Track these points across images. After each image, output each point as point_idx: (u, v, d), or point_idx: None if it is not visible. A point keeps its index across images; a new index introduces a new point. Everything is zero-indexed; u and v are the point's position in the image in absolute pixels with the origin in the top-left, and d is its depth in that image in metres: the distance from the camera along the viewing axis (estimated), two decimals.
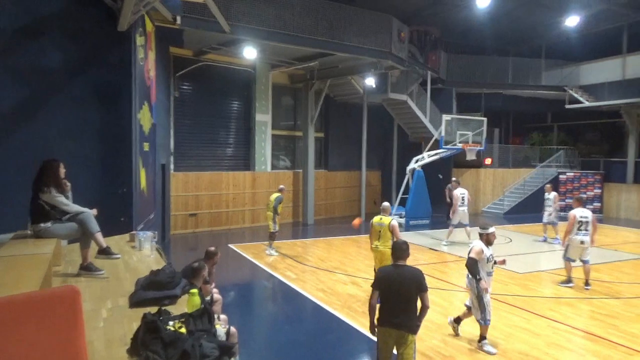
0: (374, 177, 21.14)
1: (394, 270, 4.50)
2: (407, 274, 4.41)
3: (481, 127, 16.98)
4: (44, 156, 4.50)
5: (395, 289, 4.36)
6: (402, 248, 4.55)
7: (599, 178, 20.57)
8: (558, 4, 17.59)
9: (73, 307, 2.17)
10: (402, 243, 4.62)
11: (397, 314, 4.34)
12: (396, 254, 4.57)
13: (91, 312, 3.27)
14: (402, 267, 4.48)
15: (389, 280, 4.42)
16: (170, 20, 10.58)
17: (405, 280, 4.37)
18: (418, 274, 4.42)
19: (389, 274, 4.48)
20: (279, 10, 12.84)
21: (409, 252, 4.59)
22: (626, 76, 19.20)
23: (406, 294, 4.35)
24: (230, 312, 6.09)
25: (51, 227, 4.34)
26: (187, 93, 15.24)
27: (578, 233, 8.87)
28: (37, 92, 6.96)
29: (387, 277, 4.46)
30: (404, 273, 4.42)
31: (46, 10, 6.97)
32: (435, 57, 19.96)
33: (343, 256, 11.76)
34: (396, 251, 4.58)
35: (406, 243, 4.63)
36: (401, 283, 4.36)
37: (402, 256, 4.53)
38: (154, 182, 10.56)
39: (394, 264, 4.56)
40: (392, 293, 4.38)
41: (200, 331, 2.78)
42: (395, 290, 4.36)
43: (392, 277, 4.43)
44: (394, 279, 4.40)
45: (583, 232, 8.85)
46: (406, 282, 4.36)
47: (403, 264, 4.51)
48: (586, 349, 6.19)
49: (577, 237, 8.86)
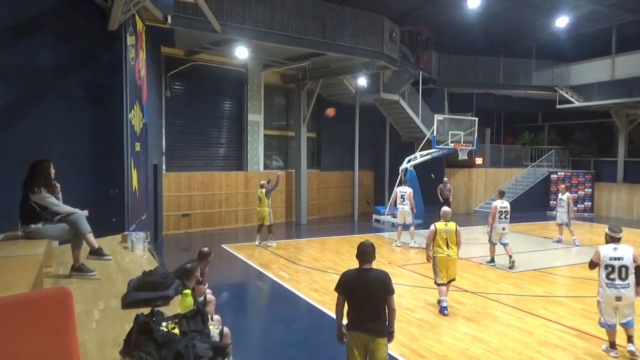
0: (366, 177, 21.18)
1: (359, 273, 4.31)
2: (372, 278, 4.25)
3: (473, 127, 17.07)
4: (34, 156, 4.45)
5: (361, 293, 4.22)
6: (367, 251, 4.32)
7: (589, 177, 20.77)
8: (548, 5, 17.71)
9: (65, 309, 2.15)
10: (368, 245, 4.36)
11: (365, 319, 4.20)
12: (363, 257, 4.32)
13: (83, 313, 3.23)
14: (368, 270, 4.29)
15: (354, 285, 4.27)
16: (161, 20, 10.52)
17: (371, 283, 4.22)
18: (384, 277, 4.25)
19: (353, 277, 4.30)
20: (271, 10, 12.83)
21: (375, 255, 4.38)
22: (615, 76, 19.42)
23: (373, 298, 4.20)
24: (223, 312, 6.06)
25: (42, 228, 4.29)
26: (178, 93, 15.17)
27: (499, 221, 10.40)
28: (27, 92, 6.89)
29: (352, 281, 4.28)
30: (369, 276, 4.25)
31: (36, 9, 6.90)
32: (426, 57, 20.03)
33: (336, 256, 11.77)
34: (362, 254, 4.33)
35: (372, 245, 4.39)
36: (366, 286, 4.21)
37: (368, 259, 4.31)
38: (146, 182, 10.50)
39: (360, 268, 4.32)
40: (359, 297, 4.23)
41: (193, 332, 2.75)
42: (361, 294, 4.22)
43: (356, 280, 4.27)
44: (359, 283, 4.25)
45: (503, 220, 10.42)
46: (372, 286, 4.21)
47: (369, 267, 4.31)
48: (578, 347, 6.23)
49: (499, 225, 10.42)
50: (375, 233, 15.57)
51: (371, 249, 4.34)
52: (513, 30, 21.26)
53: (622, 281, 5.71)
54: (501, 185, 21.21)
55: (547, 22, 19.24)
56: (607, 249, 5.89)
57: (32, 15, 6.86)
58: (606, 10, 18.06)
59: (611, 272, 5.76)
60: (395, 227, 14.39)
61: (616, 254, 5.79)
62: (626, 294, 5.71)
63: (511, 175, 21.70)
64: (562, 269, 10.91)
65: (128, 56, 7.89)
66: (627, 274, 5.72)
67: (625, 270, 5.72)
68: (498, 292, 8.68)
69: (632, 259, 5.72)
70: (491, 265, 10.66)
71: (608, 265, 5.79)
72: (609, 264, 5.79)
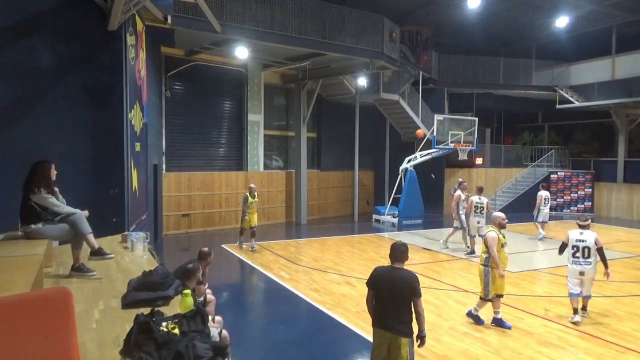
0: (366, 177, 21.18)
1: (387, 271, 4.38)
2: (399, 277, 4.28)
3: (473, 127, 17.06)
4: (34, 157, 4.45)
5: (386, 291, 4.28)
6: (400, 250, 4.40)
7: (589, 177, 20.75)
8: (548, 5, 17.72)
9: (65, 309, 2.15)
10: (400, 245, 4.45)
11: (388, 317, 4.27)
12: (393, 256, 4.42)
13: (83, 313, 3.23)
14: (397, 269, 4.35)
15: (381, 282, 4.34)
16: (161, 20, 10.53)
17: (396, 283, 4.26)
18: (411, 279, 4.26)
19: (381, 274, 4.39)
20: (271, 10, 12.82)
21: (407, 255, 4.45)
22: (615, 76, 19.42)
23: (397, 297, 4.25)
24: (223, 312, 6.06)
25: (42, 228, 4.29)
26: (178, 93, 15.17)
27: (475, 215, 11.33)
28: (27, 92, 6.88)
29: (379, 278, 4.37)
30: (397, 276, 4.30)
31: (36, 9, 6.89)
32: (426, 57, 20.03)
33: (336, 256, 11.77)
34: (393, 253, 4.42)
35: (405, 245, 4.47)
36: (393, 286, 4.26)
37: (400, 258, 4.39)
38: (146, 182, 10.50)
39: (391, 266, 4.41)
40: (383, 294, 4.31)
41: (193, 332, 2.75)
42: (387, 293, 4.28)
43: (383, 278, 4.34)
44: (386, 281, 4.31)
45: (479, 214, 11.33)
46: (397, 285, 4.25)
47: (399, 267, 4.37)
48: (578, 347, 6.23)
49: (474, 218, 11.37)
50: (375, 233, 15.57)
51: (403, 249, 4.43)
52: (513, 30, 21.25)
53: (584, 259, 6.99)
54: (502, 185, 21.25)
55: (547, 22, 19.24)
56: (574, 233, 7.18)
57: (32, 15, 6.86)
58: (606, 10, 18.06)
59: (576, 251, 7.07)
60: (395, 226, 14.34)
61: (581, 237, 7.08)
62: (588, 270, 6.99)
63: (511, 175, 21.69)
64: (562, 269, 10.85)
65: (128, 56, 7.89)
66: (590, 254, 6.97)
67: (588, 250, 6.99)
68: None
69: (594, 242, 6.97)
70: (472, 257, 11.36)
71: (574, 246, 7.09)
72: (574, 244, 7.09)
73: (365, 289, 4.54)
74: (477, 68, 21.33)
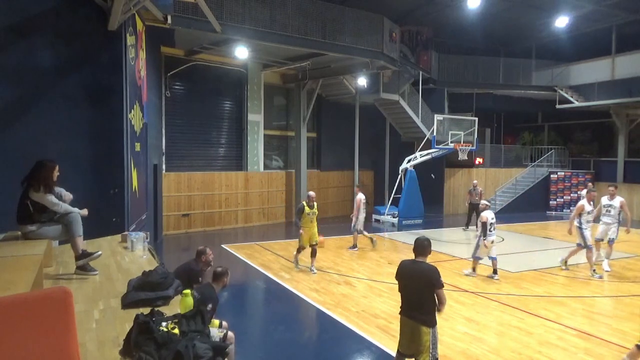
0: (366, 176, 21.17)
1: (410, 264, 4.72)
2: (419, 270, 4.60)
3: (472, 127, 17.06)
4: (34, 157, 4.44)
5: (409, 283, 4.65)
6: (423, 244, 4.69)
7: (589, 177, 20.74)
8: (548, 5, 17.71)
9: (65, 309, 2.14)
10: (423, 240, 4.73)
11: (411, 306, 4.62)
12: (416, 250, 4.71)
13: (83, 313, 3.23)
14: (418, 263, 4.65)
15: (404, 274, 4.72)
16: (161, 20, 10.51)
17: (417, 275, 4.58)
18: (430, 271, 4.53)
19: (405, 267, 4.75)
20: (270, 10, 12.82)
21: (430, 250, 4.72)
22: (615, 76, 19.40)
23: (418, 288, 4.56)
24: (223, 312, 6.06)
25: (37, 231, 4.31)
26: (178, 93, 15.17)
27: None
28: (27, 92, 6.88)
29: (403, 270, 4.74)
30: (416, 268, 4.63)
31: (36, 9, 6.89)
32: (426, 57, 20.02)
33: (336, 256, 11.76)
34: (416, 247, 4.71)
35: (428, 240, 4.73)
36: (413, 277, 4.62)
37: (422, 252, 4.68)
38: (146, 182, 10.50)
39: (413, 260, 4.73)
40: (406, 285, 4.69)
41: (193, 332, 2.75)
42: (409, 284, 4.65)
43: (406, 270, 4.71)
44: (407, 273, 4.69)
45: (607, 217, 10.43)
46: (417, 277, 4.57)
47: (421, 261, 4.66)
48: (578, 347, 6.23)
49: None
50: (375, 233, 15.56)
51: (426, 244, 4.71)
52: (513, 30, 21.24)
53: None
54: (502, 185, 21.25)
55: (547, 22, 19.23)
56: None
57: (32, 15, 6.86)
58: (606, 10, 18.05)
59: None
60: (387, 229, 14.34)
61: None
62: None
63: (511, 175, 21.69)
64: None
65: (128, 56, 7.89)
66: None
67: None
68: (498, 292, 8.68)
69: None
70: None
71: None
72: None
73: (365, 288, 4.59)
74: (477, 68, 21.32)
